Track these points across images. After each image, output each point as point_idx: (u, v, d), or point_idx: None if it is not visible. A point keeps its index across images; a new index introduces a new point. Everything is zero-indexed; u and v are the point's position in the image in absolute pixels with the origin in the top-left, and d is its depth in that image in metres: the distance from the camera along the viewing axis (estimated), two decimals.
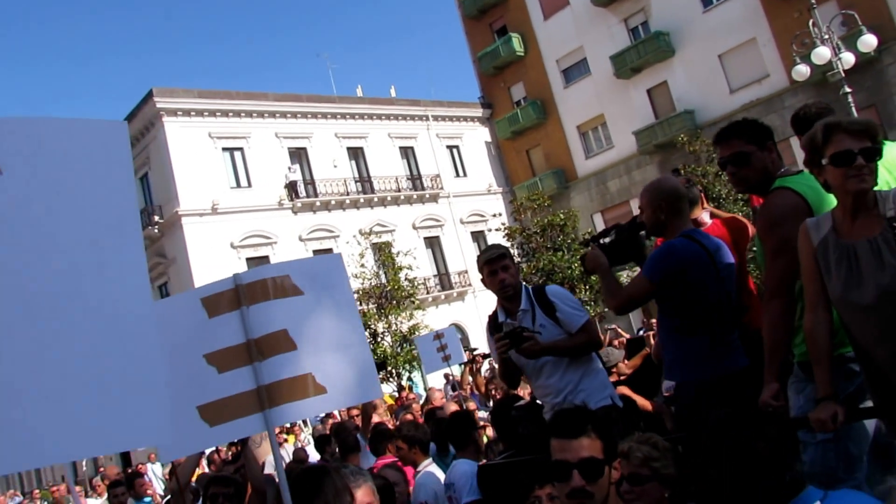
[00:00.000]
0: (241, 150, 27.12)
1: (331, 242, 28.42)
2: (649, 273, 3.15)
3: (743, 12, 27.06)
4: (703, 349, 3.05)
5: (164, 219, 25.61)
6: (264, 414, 2.95)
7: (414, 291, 23.29)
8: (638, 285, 3.19)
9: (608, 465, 2.12)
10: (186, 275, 24.61)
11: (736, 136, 2.90)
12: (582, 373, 3.63)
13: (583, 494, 2.05)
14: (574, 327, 3.67)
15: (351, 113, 30.61)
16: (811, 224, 2.48)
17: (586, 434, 2.10)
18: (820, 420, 2.31)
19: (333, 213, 28.71)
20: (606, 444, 2.13)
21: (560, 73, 32.66)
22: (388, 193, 30.38)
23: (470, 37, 35.74)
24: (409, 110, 32.80)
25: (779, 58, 26.05)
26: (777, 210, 2.69)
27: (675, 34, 28.97)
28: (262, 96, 27.98)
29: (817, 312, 2.44)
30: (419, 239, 30.80)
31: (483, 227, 33.21)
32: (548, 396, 3.70)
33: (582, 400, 3.38)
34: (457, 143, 34.50)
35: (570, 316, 3.68)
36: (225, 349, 2.98)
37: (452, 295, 30.89)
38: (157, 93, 25.21)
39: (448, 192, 32.77)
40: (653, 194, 3.25)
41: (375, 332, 21.69)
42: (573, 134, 32.44)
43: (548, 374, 3.66)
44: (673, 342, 3.20)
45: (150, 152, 26.44)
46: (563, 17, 32.23)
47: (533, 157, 34.15)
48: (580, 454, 2.07)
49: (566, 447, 2.10)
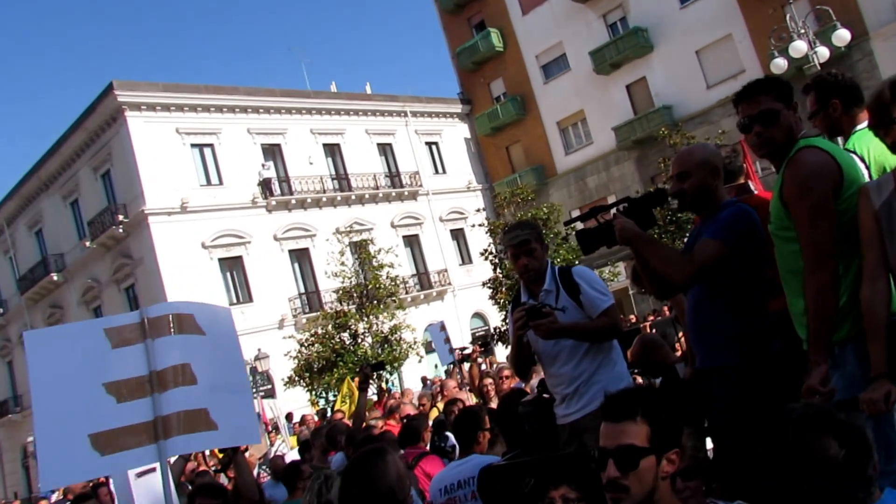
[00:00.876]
0: (212, 146, 26.03)
1: (307, 242, 27.51)
2: (723, 236, 2.74)
3: (719, 9, 27.12)
4: (760, 329, 2.77)
5: (129, 218, 24.38)
6: (158, 445, 3.02)
7: (395, 290, 22.47)
8: (708, 251, 2.74)
9: (655, 456, 1.82)
10: (154, 276, 23.47)
11: (763, 93, 2.67)
12: (599, 362, 3.42)
13: (615, 487, 1.81)
14: (596, 311, 3.44)
15: (327, 108, 29.68)
16: (872, 186, 2.41)
17: (632, 418, 1.85)
18: (872, 400, 2.13)
19: (309, 212, 27.80)
20: (656, 432, 1.84)
21: (539, 69, 32.40)
22: (365, 191, 29.53)
23: (448, 32, 35.23)
24: (387, 106, 31.99)
25: (754, 54, 26.15)
26: (812, 168, 2.48)
27: (653, 30, 28.93)
28: (233, 90, 26.89)
29: (877, 282, 2.32)
30: (398, 237, 29.99)
31: (463, 225, 32.54)
32: (559, 386, 3.48)
33: (594, 392, 3.29)
34: (436, 140, 33.79)
35: (593, 299, 3.44)
36: (127, 379, 3.05)
37: (432, 294, 30.12)
38: (117, 86, 23.95)
39: (427, 190, 32.03)
40: (704, 157, 2.91)
41: (356, 332, 20.88)
42: (553, 130, 32.24)
43: (563, 361, 3.45)
44: (725, 320, 2.80)
45: (111, 148, 25.21)
46: (541, 12, 31.96)
47: (512, 154, 33.82)
48: (619, 440, 1.84)
49: (609, 432, 1.88)
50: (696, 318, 2.91)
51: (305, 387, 20.35)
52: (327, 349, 20.26)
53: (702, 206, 2.93)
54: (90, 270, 26.89)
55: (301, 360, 20.32)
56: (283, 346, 21.53)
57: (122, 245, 25.15)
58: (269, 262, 26.02)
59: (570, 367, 3.43)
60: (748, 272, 2.77)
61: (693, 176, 2.85)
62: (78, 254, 27.18)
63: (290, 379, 20.55)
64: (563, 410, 3.45)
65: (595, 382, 3.37)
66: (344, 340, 20.76)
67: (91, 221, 25.91)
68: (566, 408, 3.42)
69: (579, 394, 3.39)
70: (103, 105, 24.56)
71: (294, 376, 20.48)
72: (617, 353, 3.53)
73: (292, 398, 20.75)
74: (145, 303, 24.68)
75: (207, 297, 23.87)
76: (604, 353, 3.44)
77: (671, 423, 1.88)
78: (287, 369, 20.96)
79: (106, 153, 25.49)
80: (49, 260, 27.92)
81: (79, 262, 27.14)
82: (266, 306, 25.29)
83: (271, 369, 22.27)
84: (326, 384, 19.94)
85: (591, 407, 3.27)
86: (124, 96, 24.03)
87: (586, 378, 3.39)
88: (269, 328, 24.77)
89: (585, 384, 3.38)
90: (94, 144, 25.98)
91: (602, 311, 3.42)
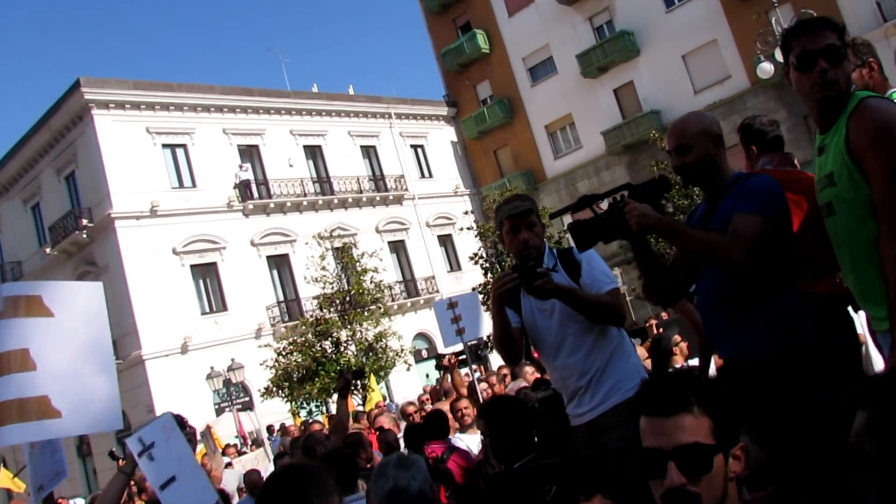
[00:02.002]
0: (185, 147, 24.69)
1: (286, 247, 26.20)
2: (763, 207, 2.44)
3: (704, 13, 27.04)
4: (800, 309, 2.45)
5: (95, 222, 22.86)
6: None
7: (380, 296, 21.26)
8: (752, 225, 2.41)
9: (723, 454, 1.47)
10: (120, 285, 21.93)
11: (829, 28, 2.34)
12: (611, 352, 3.05)
13: (684, 497, 1.43)
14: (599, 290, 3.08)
15: (307, 109, 28.51)
16: None
17: (687, 410, 1.47)
18: None
19: (289, 216, 26.52)
20: (719, 424, 1.48)
21: (526, 72, 31.83)
22: (348, 195, 28.30)
23: (433, 33, 34.53)
24: (371, 107, 30.91)
25: (739, 59, 26.19)
26: (889, 115, 2.19)
27: (640, 34, 28.67)
28: (208, 89, 25.60)
29: None
30: (383, 243, 28.78)
31: (451, 231, 31.44)
32: (570, 379, 3.07)
33: (610, 386, 2.97)
34: (421, 143, 32.75)
35: (595, 280, 3.07)
36: None
37: (419, 302, 28.79)
38: (85, 83, 22.53)
39: (413, 194, 30.89)
40: (703, 125, 2.63)
41: (338, 340, 19.66)
42: (541, 134, 31.62)
43: (569, 351, 3.06)
44: (764, 303, 2.46)
45: (77, 148, 23.75)
46: (527, 14, 31.42)
47: (500, 158, 33.07)
48: (679, 438, 1.45)
49: (660, 428, 1.48)
50: (723, 305, 2.54)
51: (285, 397, 19.08)
52: (307, 358, 19.10)
53: (707, 180, 2.64)
54: (50, 279, 25.20)
55: (279, 370, 19.03)
56: (260, 356, 20.22)
57: (86, 252, 23.61)
58: (245, 269, 24.63)
59: (580, 358, 3.03)
60: (785, 246, 2.50)
61: (695, 147, 2.59)
62: (37, 262, 25.50)
63: (268, 390, 19.24)
64: (575, 409, 3.06)
65: (610, 375, 3.01)
66: (325, 349, 19.60)
67: (52, 227, 24.36)
68: (578, 405, 3.04)
69: (593, 388, 3.00)
70: (69, 103, 23.15)
71: (272, 387, 19.17)
72: (629, 344, 3.18)
73: (270, 410, 19.49)
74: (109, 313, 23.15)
75: (178, 306, 22.47)
76: (615, 343, 3.07)
77: (730, 411, 1.55)
78: (264, 380, 19.66)
79: (71, 154, 24.03)
80: (6, 269, 26.15)
81: (38, 271, 25.35)
82: (242, 315, 23.88)
83: (247, 380, 20.96)
84: (307, 394, 18.78)
85: (610, 402, 2.95)
86: (92, 94, 22.65)
87: (599, 370, 3.01)
88: (246, 338, 23.38)
89: (599, 377, 3.01)
90: (58, 145, 24.49)
91: (604, 293, 3.05)
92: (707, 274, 2.60)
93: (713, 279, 2.57)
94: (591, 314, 2.98)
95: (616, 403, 2.90)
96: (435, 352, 26.15)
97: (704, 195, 2.71)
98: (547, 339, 3.10)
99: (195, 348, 22.39)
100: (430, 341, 28.60)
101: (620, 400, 2.88)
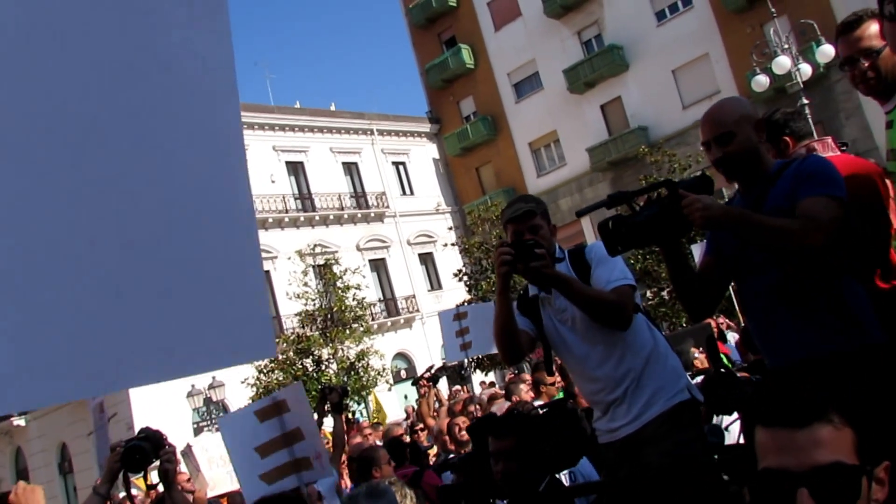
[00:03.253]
0: None
1: (267, 264, 26.14)
2: (832, 189, 2.24)
3: (696, 27, 27.08)
4: (868, 303, 2.31)
5: None
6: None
7: (363, 314, 21.42)
8: (827, 208, 2.20)
9: (866, 476, 1.11)
10: None
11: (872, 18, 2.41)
12: (646, 357, 2.77)
13: None
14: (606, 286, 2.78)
15: (290, 125, 28.62)
16: None
17: (826, 418, 1.13)
18: None
19: (270, 233, 26.54)
20: (861, 438, 1.14)
21: (511, 88, 32.02)
22: (330, 212, 28.40)
23: (417, 48, 34.72)
24: (353, 123, 31.07)
25: (731, 74, 26.10)
26: None
27: (629, 48, 28.73)
28: None
29: None
30: (364, 261, 28.87)
31: (432, 249, 31.60)
32: (600, 394, 2.81)
33: (650, 394, 2.70)
34: (403, 160, 32.94)
35: (603, 273, 2.78)
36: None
37: (399, 322, 28.90)
38: None
39: (395, 212, 31.06)
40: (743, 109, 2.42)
41: (319, 358, 19.76)
42: (525, 151, 31.82)
43: (598, 361, 2.78)
44: (849, 292, 2.29)
45: None
46: (514, 28, 31.60)
47: (483, 175, 33.23)
48: (815, 457, 1.10)
49: (788, 443, 1.12)
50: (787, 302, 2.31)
51: None
52: (288, 376, 19.19)
53: (750, 170, 2.41)
54: None
55: (260, 388, 19.10)
56: (241, 374, 20.25)
57: None
58: None
59: (611, 367, 2.76)
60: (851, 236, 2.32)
61: (738, 135, 2.34)
62: None
63: None
64: (607, 423, 2.79)
65: (648, 382, 2.72)
66: (306, 367, 19.69)
67: None
68: (612, 419, 2.77)
69: (629, 398, 2.73)
70: None
71: None
72: (665, 346, 2.86)
73: None
74: None
75: None
76: (649, 347, 2.79)
77: (873, 420, 1.24)
78: (245, 399, 19.66)
79: None
80: None
81: None
82: None
83: (227, 399, 20.93)
84: None
85: (651, 412, 2.68)
86: None
87: (635, 378, 2.73)
88: None
89: (636, 386, 2.73)
90: None
91: (611, 289, 2.73)
92: (759, 273, 2.37)
93: (771, 277, 2.34)
94: (590, 310, 2.71)
95: (658, 413, 2.67)
96: (414, 372, 26.27)
97: (740, 189, 2.49)
98: (573, 350, 2.85)
99: None
100: (409, 361, 28.74)
101: (663, 409, 2.67)
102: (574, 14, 29.88)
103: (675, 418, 2.67)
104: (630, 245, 2.33)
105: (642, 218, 2.28)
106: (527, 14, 31.03)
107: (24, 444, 25.21)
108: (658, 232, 2.29)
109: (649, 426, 2.68)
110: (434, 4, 33.02)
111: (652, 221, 2.26)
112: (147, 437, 3.05)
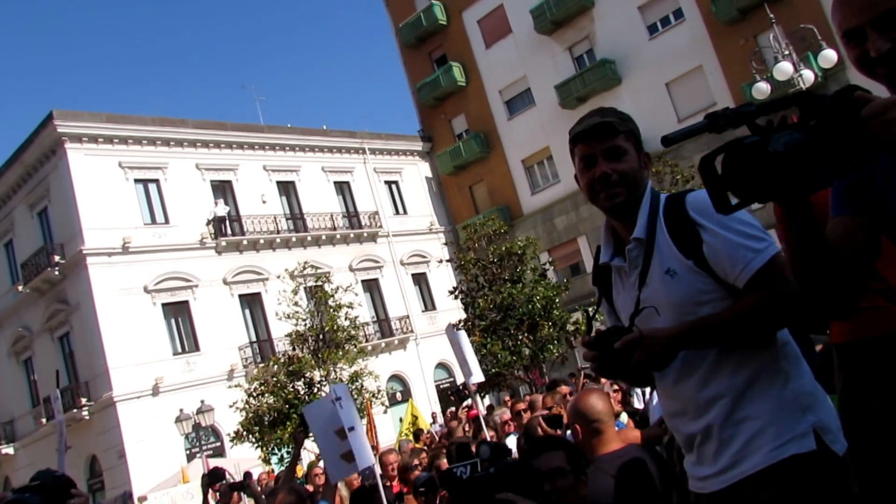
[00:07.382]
0: (157, 182, 25.55)
1: (258, 286, 26.89)
2: None
3: (689, 40, 27.51)
4: None
5: (66, 259, 23.60)
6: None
7: (355, 333, 21.85)
8: None
9: None
10: (91, 323, 22.62)
11: None
12: (752, 374, 1.86)
13: None
14: (739, 274, 1.85)
15: (281, 144, 29.50)
16: None
17: None
18: None
19: (262, 254, 27.28)
20: None
21: (503, 105, 32.58)
22: (322, 232, 29.16)
23: (408, 67, 35.45)
24: (344, 142, 31.94)
25: (726, 85, 26.45)
26: None
27: (621, 62, 29.23)
28: (181, 123, 26.56)
29: None
30: (357, 282, 29.50)
31: (425, 269, 32.27)
32: (679, 418, 2.00)
33: (749, 435, 1.83)
34: (395, 179, 33.76)
35: (729, 250, 1.86)
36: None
37: (393, 343, 29.59)
38: (58, 116, 23.46)
39: (387, 231, 31.80)
40: None
41: (311, 381, 20.07)
42: (518, 168, 32.24)
43: (679, 371, 1.94)
44: None
45: (49, 183, 24.55)
46: (505, 45, 32.25)
47: (476, 194, 33.75)
48: None
49: None
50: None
51: (255, 443, 19.28)
52: (279, 399, 19.24)
53: None
54: (21, 318, 25.87)
55: (250, 412, 19.31)
56: (231, 398, 20.60)
57: (58, 289, 24.29)
58: (217, 308, 25.34)
59: (695, 383, 1.92)
60: None
61: None
62: (9, 299, 26.18)
63: (238, 434, 19.40)
64: (694, 469, 1.99)
65: (749, 413, 1.86)
66: (298, 390, 19.84)
67: (24, 263, 25.05)
68: (698, 463, 1.96)
69: (718, 436, 1.89)
70: (42, 136, 24.04)
71: (241, 430, 19.34)
72: (795, 353, 1.93)
73: (241, 456, 19.55)
74: (79, 352, 23.73)
75: (150, 346, 23.13)
76: (761, 356, 1.88)
77: None
78: (234, 424, 19.96)
79: (44, 189, 24.80)
80: None
81: (10, 309, 26.13)
82: (214, 356, 24.53)
83: (217, 423, 21.36)
84: (279, 439, 18.79)
85: (746, 467, 1.84)
86: (64, 127, 23.52)
87: (727, 405, 1.87)
88: (218, 379, 23.94)
89: (728, 420, 1.87)
90: (31, 179, 25.31)
91: (752, 275, 1.83)
92: None
93: None
94: (736, 337, 1.86)
95: (756, 469, 1.82)
96: (409, 394, 26.77)
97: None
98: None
99: (167, 390, 22.90)
100: (404, 384, 29.27)
101: (767, 462, 1.81)
102: (565, 30, 30.48)
103: (784, 481, 1.79)
104: (754, 195, 1.34)
105: (781, 146, 1.31)
106: (517, 31, 31.70)
107: (13, 473, 25.58)
108: (807, 171, 1.29)
109: (744, 486, 1.83)
110: (424, 23, 33.90)
111: (799, 151, 1.29)
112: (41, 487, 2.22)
